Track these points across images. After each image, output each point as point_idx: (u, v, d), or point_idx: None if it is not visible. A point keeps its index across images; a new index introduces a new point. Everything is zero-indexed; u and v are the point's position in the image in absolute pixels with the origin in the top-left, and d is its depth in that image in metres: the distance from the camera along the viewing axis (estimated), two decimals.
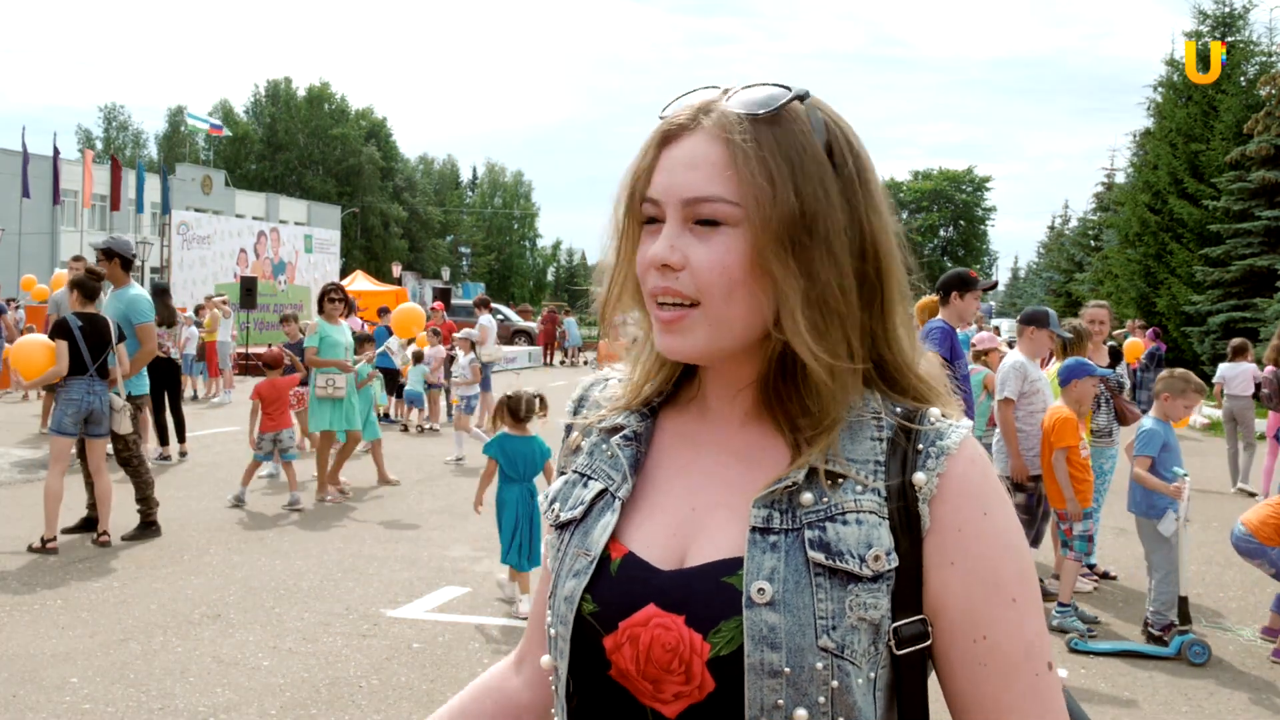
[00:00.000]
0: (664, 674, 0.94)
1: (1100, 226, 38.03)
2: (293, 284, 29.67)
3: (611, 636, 0.97)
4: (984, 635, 0.95)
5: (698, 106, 1.00)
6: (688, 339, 0.98)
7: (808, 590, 0.92)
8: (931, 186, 74.61)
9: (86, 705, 4.41)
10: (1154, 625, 5.67)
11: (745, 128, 0.96)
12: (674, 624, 0.95)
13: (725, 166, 0.95)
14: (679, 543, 1.00)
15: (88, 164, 32.72)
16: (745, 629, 0.92)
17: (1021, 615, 0.95)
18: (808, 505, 0.96)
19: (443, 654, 5.19)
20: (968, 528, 0.95)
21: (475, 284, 57.61)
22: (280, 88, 67.16)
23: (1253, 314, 22.61)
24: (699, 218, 0.96)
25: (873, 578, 0.93)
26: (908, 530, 0.95)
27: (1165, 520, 5.65)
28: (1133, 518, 6.01)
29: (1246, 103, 25.16)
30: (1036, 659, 0.96)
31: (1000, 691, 0.95)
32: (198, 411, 14.61)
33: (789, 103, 0.97)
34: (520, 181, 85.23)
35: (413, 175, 75.03)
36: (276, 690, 4.65)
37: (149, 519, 7.38)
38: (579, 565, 1.01)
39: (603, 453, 1.09)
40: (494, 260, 79.53)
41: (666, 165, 0.99)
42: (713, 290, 0.96)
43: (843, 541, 0.94)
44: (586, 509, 1.05)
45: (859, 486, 0.96)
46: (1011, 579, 0.95)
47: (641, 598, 0.97)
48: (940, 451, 0.97)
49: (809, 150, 0.97)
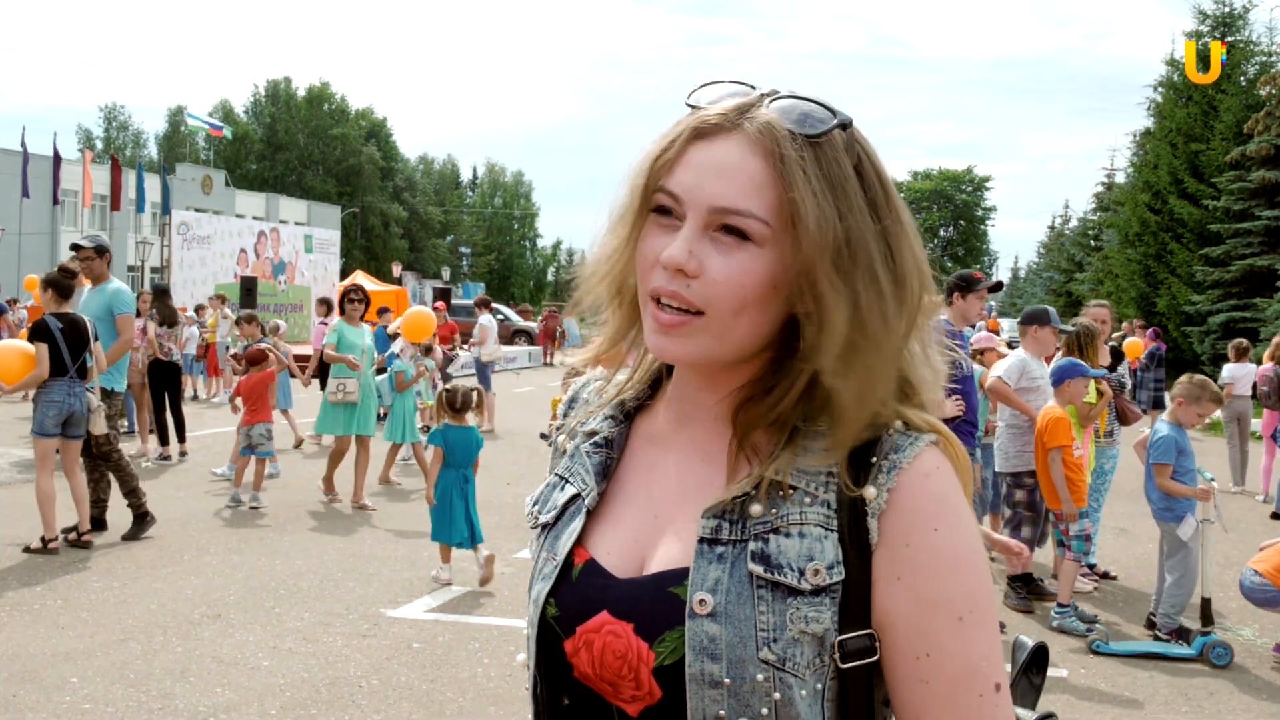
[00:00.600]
0: (618, 679, 0.96)
1: (1100, 226, 38.04)
2: (293, 284, 29.64)
3: (570, 640, 0.99)
4: (927, 653, 0.93)
5: (736, 107, 0.96)
6: (685, 346, 0.96)
7: (749, 603, 0.92)
8: (931, 186, 74.60)
9: (86, 705, 4.41)
10: (1163, 629, 5.61)
11: (791, 144, 0.93)
12: (624, 632, 0.96)
13: (763, 182, 0.93)
14: (639, 550, 1.01)
15: (87, 164, 32.75)
16: (687, 639, 0.92)
17: (967, 634, 0.93)
18: (756, 516, 0.95)
19: (443, 654, 5.19)
20: (916, 543, 0.93)
21: (475, 284, 57.59)
22: (280, 88, 67.16)
23: (1253, 314, 22.62)
24: (723, 227, 0.93)
25: (813, 591, 0.92)
26: (856, 544, 0.93)
27: (1184, 524, 5.61)
28: (1133, 518, 6.02)
29: (1246, 103, 25.17)
30: (981, 680, 0.93)
31: (942, 711, 0.92)
32: (198, 411, 14.62)
33: (834, 129, 0.95)
34: (520, 181, 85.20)
35: (413, 175, 75.03)
36: (276, 690, 4.65)
37: (140, 510, 7.36)
38: (546, 569, 1.04)
39: (581, 456, 1.09)
40: (494, 260, 79.52)
41: (695, 163, 0.95)
42: (722, 304, 0.94)
43: (783, 554, 0.93)
44: (559, 513, 1.06)
45: (807, 499, 0.95)
46: (959, 597, 0.93)
47: (597, 604, 0.98)
48: (893, 465, 0.95)
49: (849, 176, 0.95)
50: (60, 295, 7.11)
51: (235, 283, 24.44)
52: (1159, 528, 5.81)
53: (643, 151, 1.00)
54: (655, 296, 0.96)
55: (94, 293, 7.74)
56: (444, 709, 4.52)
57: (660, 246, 0.95)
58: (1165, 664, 5.33)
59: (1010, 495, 6.40)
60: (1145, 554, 7.47)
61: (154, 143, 68.00)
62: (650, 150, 0.99)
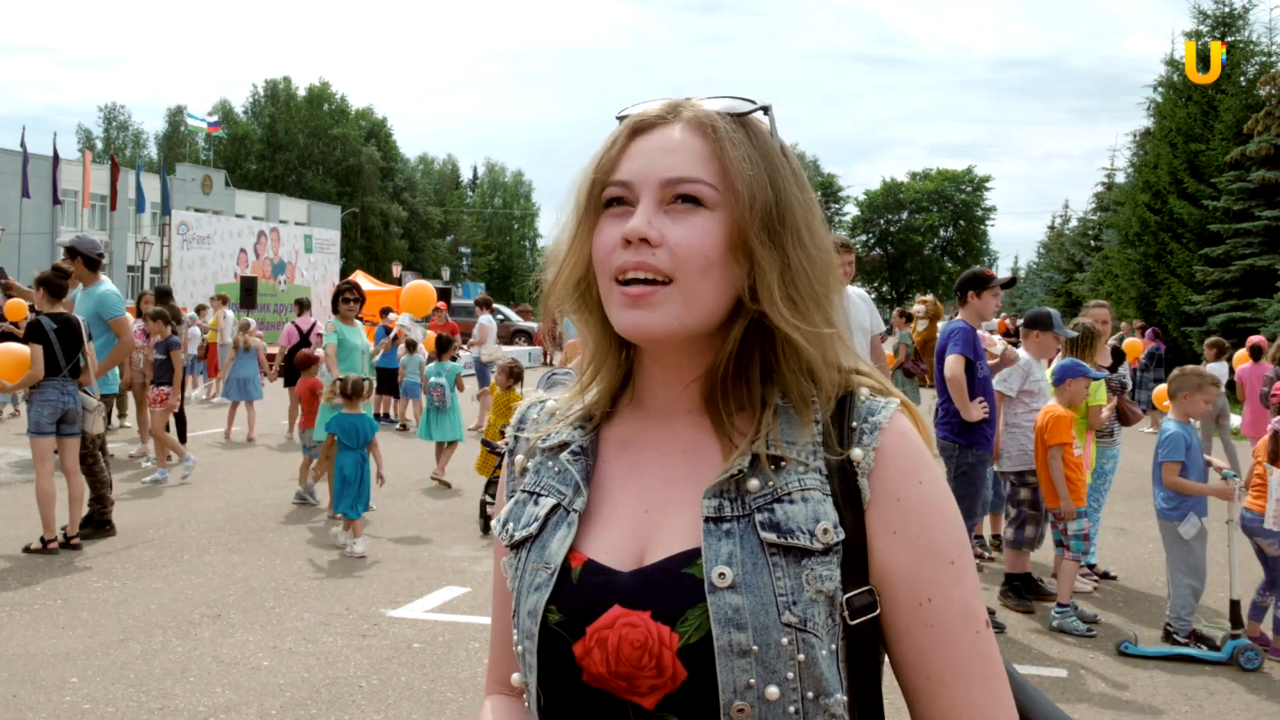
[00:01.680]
0: (635, 670, 0.97)
1: (1100, 226, 38.00)
2: (292, 284, 29.66)
3: (580, 643, 0.99)
4: (928, 598, 0.99)
5: (667, 105, 1.06)
6: (656, 315, 0.99)
7: (765, 570, 0.96)
8: (931, 187, 74.64)
9: (86, 705, 4.41)
10: (1178, 632, 5.52)
11: (725, 123, 1.03)
12: (641, 620, 0.97)
13: (706, 154, 1.01)
14: (636, 544, 1.03)
15: (87, 164, 32.78)
16: (711, 613, 0.95)
17: (959, 576, 1.01)
18: (755, 491, 1.00)
19: (443, 654, 5.19)
20: (906, 497, 1.01)
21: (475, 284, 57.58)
22: (280, 87, 67.14)
23: (1253, 314, 22.57)
24: (677, 196, 1.00)
25: (824, 550, 0.98)
26: (849, 504, 1.00)
27: (1186, 523, 5.56)
28: (1133, 518, 6.01)
29: (1246, 103, 25.13)
30: (975, 618, 1.01)
31: (946, 651, 0.99)
32: (198, 411, 14.61)
33: (755, 111, 1.05)
34: (520, 181, 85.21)
35: (413, 175, 75.01)
36: (276, 690, 4.65)
37: (103, 517, 7.35)
38: (539, 579, 1.03)
39: (549, 469, 1.11)
40: (494, 260, 79.51)
41: (639, 152, 1.03)
42: (689, 266, 0.99)
43: (792, 520, 0.98)
44: (541, 525, 1.07)
45: (800, 467, 1.01)
46: (949, 543, 1.01)
47: (606, 600, 0.99)
48: (873, 427, 1.02)
49: (776, 151, 1.05)
50: (52, 294, 7.09)
51: (235, 283, 24.46)
52: (1160, 526, 5.78)
53: (582, 165, 1.08)
54: (621, 273, 1.00)
55: (84, 295, 7.75)
56: (444, 709, 4.51)
57: (616, 231, 1.02)
58: (1166, 664, 5.32)
59: (1015, 494, 6.39)
60: (1145, 554, 7.47)
61: (154, 143, 68.05)
62: (592, 157, 1.07)
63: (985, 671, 1.00)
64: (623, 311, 1.01)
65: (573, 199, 1.07)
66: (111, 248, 38.10)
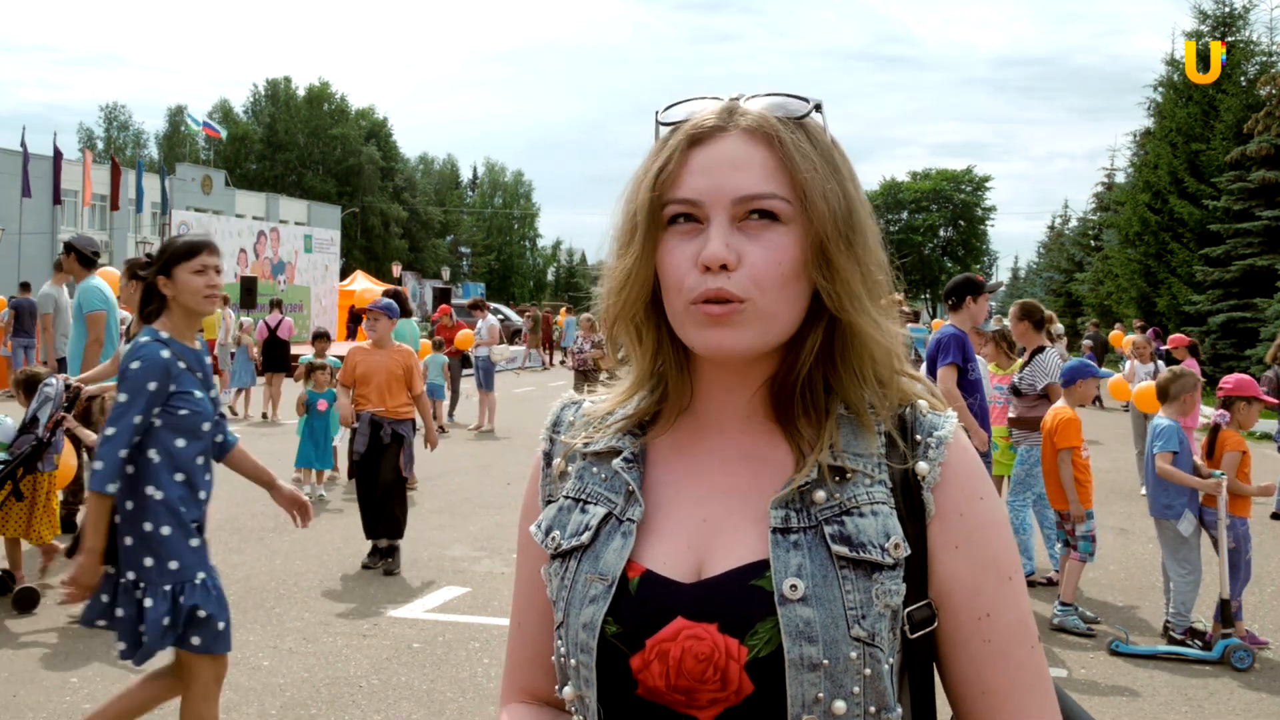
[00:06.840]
0: (697, 684, 0.94)
1: (1100, 226, 38.03)
2: (292, 284, 29.64)
3: (639, 655, 0.96)
4: (988, 613, 0.99)
5: (721, 111, 1.01)
6: (737, 334, 0.97)
7: (835, 583, 0.95)
8: (931, 186, 74.60)
9: (86, 705, 4.40)
10: (1176, 629, 5.55)
11: (787, 129, 0.99)
12: (707, 633, 0.95)
13: (774, 165, 0.98)
14: (694, 555, 1.00)
15: (88, 164, 32.75)
16: (782, 626, 0.93)
17: (1016, 592, 1.01)
18: (821, 502, 0.98)
19: (443, 654, 5.19)
20: (968, 512, 1.00)
21: (475, 284, 57.61)
22: (280, 87, 67.17)
23: (1253, 314, 22.57)
24: (753, 212, 0.97)
25: (893, 565, 0.97)
26: (912, 518, 0.99)
27: (1184, 520, 5.58)
28: (1133, 518, 6.01)
29: (1246, 103, 25.11)
30: (1030, 632, 1.01)
31: (1002, 665, 0.99)
32: None
33: (813, 110, 1.01)
34: (520, 181, 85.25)
35: (413, 175, 75.06)
36: (276, 690, 4.65)
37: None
38: (594, 591, 1.00)
39: (594, 476, 1.07)
40: (494, 260, 79.53)
41: (702, 167, 0.98)
42: (767, 286, 0.96)
43: (863, 533, 0.97)
44: (594, 534, 1.03)
45: (866, 479, 0.99)
46: (1006, 558, 1.01)
47: (668, 612, 0.97)
48: (939, 441, 1.02)
49: (833, 150, 1.02)
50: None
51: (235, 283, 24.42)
52: (1158, 527, 5.79)
53: (634, 176, 1.03)
54: (700, 299, 0.97)
55: (78, 291, 7.80)
56: (444, 709, 4.51)
57: (690, 253, 0.97)
58: (1166, 663, 5.32)
59: None
60: (1145, 554, 7.46)
61: (154, 143, 68.07)
62: (646, 170, 1.01)
63: (1037, 685, 1.00)
64: (702, 331, 0.97)
65: (628, 213, 1.02)
66: (112, 247, 38.13)
